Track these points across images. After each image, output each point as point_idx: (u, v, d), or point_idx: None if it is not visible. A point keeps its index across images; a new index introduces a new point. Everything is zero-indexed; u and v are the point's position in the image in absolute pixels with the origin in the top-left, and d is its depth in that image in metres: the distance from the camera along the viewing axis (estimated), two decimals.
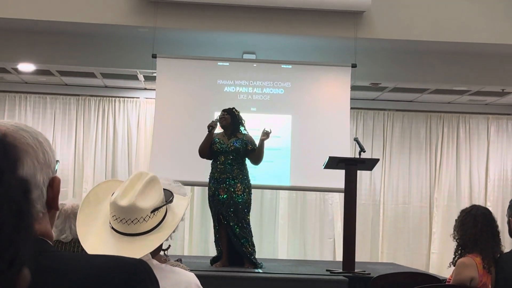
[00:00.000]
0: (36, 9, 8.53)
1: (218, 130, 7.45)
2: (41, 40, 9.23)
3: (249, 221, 7.32)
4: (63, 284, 1.18)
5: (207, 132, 7.27)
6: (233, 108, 7.46)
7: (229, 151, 7.21)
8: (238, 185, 7.18)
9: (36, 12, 8.53)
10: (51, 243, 1.31)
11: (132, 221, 2.11)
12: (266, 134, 7.25)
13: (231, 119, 7.32)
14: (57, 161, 1.37)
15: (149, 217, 2.14)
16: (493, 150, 11.39)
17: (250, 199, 7.34)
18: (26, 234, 0.72)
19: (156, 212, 2.16)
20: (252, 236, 7.33)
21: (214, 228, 7.41)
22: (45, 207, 1.30)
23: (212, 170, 7.34)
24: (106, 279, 1.21)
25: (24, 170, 1.24)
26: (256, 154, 7.32)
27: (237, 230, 7.13)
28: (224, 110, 7.41)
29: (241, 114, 7.49)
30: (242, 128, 7.39)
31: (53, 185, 1.31)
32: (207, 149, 7.29)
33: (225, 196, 7.15)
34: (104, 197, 2.22)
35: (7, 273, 0.70)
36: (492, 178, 11.30)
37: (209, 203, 7.42)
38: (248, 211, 7.32)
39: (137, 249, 2.06)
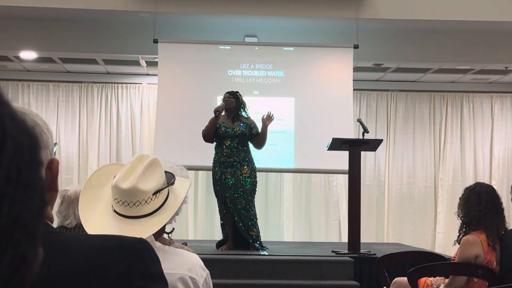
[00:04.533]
0: None
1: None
2: (43, 27, 9.22)
3: (254, 203, 7.35)
4: (64, 264, 1.18)
5: (213, 116, 7.24)
6: (237, 91, 7.46)
7: (235, 135, 7.20)
8: (245, 167, 7.19)
9: (36, 0, 8.52)
10: (51, 224, 1.32)
11: (134, 204, 2.12)
12: (269, 119, 7.26)
13: (236, 103, 7.33)
14: (55, 143, 1.37)
15: (151, 199, 2.15)
16: (497, 129, 11.37)
17: (256, 182, 7.37)
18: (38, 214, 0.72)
19: (158, 194, 2.16)
20: (257, 219, 7.35)
21: (220, 213, 7.41)
22: None
23: (217, 154, 7.33)
24: (107, 258, 1.21)
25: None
26: (260, 139, 7.33)
27: (244, 212, 7.14)
28: (228, 93, 7.40)
29: (244, 98, 7.49)
30: (243, 112, 7.39)
31: (52, 167, 1.31)
32: (213, 133, 7.27)
33: (232, 179, 7.15)
34: (105, 181, 2.22)
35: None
36: (497, 156, 11.29)
37: (214, 187, 7.40)
38: (254, 194, 7.36)
39: (139, 231, 2.06)
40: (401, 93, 11.38)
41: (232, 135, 7.20)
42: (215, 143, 7.41)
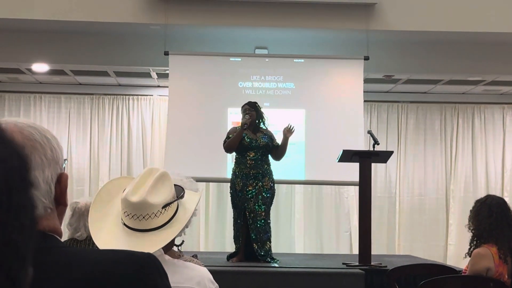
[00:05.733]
0: (48, 10, 8.57)
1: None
2: (54, 40, 9.28)
3: (270, 216, 7.36)
4: (72, 278, 1.19)
5: (239, 128, 7.23)
6: (255, 102, 7.47)
7: (259, 146, 7.21)
8: (266, 179, 7.21)
9: (48, 13, 8.57)
10: (60, 238, 1.32)
11: (143, 217, 2.13)
12: (290, 131, 7.28)
13: (256, 114, 7.35)
14: (65, 159, 1.38)
15: (161, 212, 2.15)
16: (509, 140, 11.31)
17: (274, 194, 7.39)
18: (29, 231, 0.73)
19: (167, 207, 2.17)
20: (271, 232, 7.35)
21: (235, 224, 7.37)
22: (53, 203, 1.31)
23: (239, 165, 7.30)
24: (115, 273, 1.22)
25: (32, 166, 1.24)
26: (280, 151, 7.36)
27: (262, 225, 7.12)
28: (248, 105, 7.40)
29: None
30: (262, 123, 7.40)
31: (61, 181, 1.32)
32: (236, 146, 7.28)
33: (254, 191, 7.15)
34: (115, 194, 2.23)
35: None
36: (509, 168, 11.23)
37: (233, 198, 7.35)
38: (271, 205, 7.36)
39: (148, 245, 2.07)
40: (412, 104, 11.36)
41: (257, 147, 7.21)
42: (235, 155, 7.40)
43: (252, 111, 7.33)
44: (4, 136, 0.72)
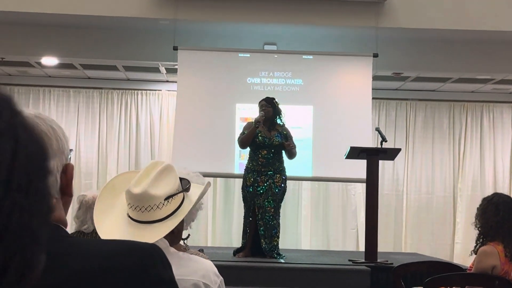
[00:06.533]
0: (58, 3, 8.60)
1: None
2: (64, 34, 9.31)
3: (280, 213, 7.35)
4: (75, 268, 1.20)
5: (252, 126, 7.22)
6: (273, 98, 7.45)
7: (272, 145, 7.21)
8: (278, 176, 7.20)
9: (58, 6, 8.60)
10: (65, 228, 1.33)
11: (145, 209, 2.14)
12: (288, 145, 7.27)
13: (273, 111, 7.33)
14: (71, 150, 1.39)
15: (163, 204, 2.16)
16: None
17: (285, 190, 7.38)
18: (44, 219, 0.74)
19: (170, 199, 2.18)
20: (280, 228, 7.34)
21: (245, 219, 7.38)
22: (59, 193, 1.32)
23: (252, 162, 7.32)
24: (118, 263, 1.23)
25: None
26: (288, 154, 7.35)
27: (270, 221, 7.13)
28: (265, 101, 7.39)
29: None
30: (279, 120, 7.38)
31: (67, 171, 1.33)
32: (249, 143, 7.28)
33: (264, 187, 7.16)
34: (123, 187, 2.24)
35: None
36: None
37: (244, 194, 7.38)
38: (281, 202, 7.35)
39: (148, 235, 2.09)
40: (421, 102, 11.33)
41: (270, 145, 7.21)
42: (249, 150, 7.41)
43: (269, 107, 7.31)
44: (27, 123, 0.73)
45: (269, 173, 7.19)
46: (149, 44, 9.48)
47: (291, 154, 7.36)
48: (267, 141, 7.19)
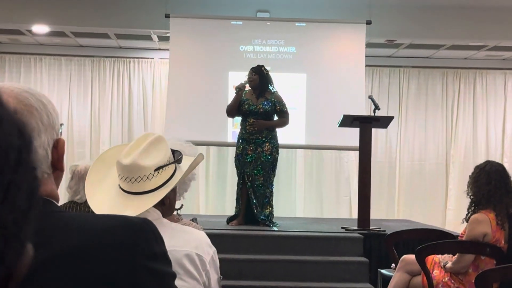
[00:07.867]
0: None
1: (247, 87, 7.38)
2: (55, 1, 9.22)
3: (273, 181, 7.35)
4: (67, 243, 1.20)
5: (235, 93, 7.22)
6: (262, 66, 7.36)
7: (258, 113, 7.18)
8: (267, 144, 7.18)
9: None
10: (56, 203, 1.33)
11: (136, 179, 2.14)
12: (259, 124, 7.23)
13: (260, 79, 7.25)
14: (62, 124, 1.38)
15: (153, 175, 2.16)
16: (510, 106, 11.29)
17: (277, 159, 7.35)
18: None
19: (160, 170, 2.18)
20: (273, 197, 7.35)
21: (237, 187, 7.41)
22: (50, 168, 1.32)
23: (241, 129, 7.32)
24: (110, 237, 1.23)
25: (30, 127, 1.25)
26: (281, 122, 7.32)
27: (261, 189, 7.14)
28: (252, 69, 7.32)
29: None
30: (271, 87, 7.34)
31: (58, 146, 1.32)
32: (236, 110, 7.26)
33: (253, 155, 7.15)
34: (114, 160, 2.24)
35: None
36: (509, 134, 11.22)
37: (235, 161, 7.39)
38: (274, 171, 7.33)
39: (137, 205, 2.10)
40: (414, 69, 11.31)
41: (255, 113, 7.18)
42: (240, 118, 7.39)
43: (254, 75, 7.25)
44: (10, 114, 0.72)
45: (257, 141, 7.17)
46: (141, 12, 9.40)
47: (281, 125, 7.34)
48: (253, 109, 7.17)
